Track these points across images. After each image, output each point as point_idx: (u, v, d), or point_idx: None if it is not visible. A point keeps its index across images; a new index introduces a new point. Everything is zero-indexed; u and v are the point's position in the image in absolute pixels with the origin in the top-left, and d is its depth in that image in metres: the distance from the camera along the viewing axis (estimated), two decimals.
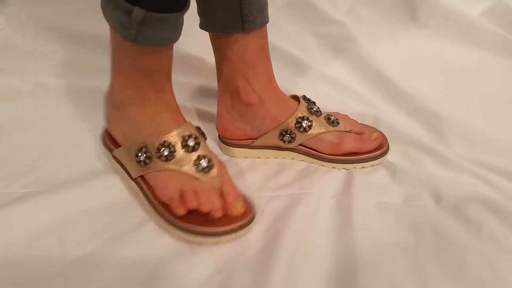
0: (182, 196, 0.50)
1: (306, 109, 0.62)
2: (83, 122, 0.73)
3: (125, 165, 0.55)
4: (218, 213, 0.49)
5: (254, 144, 0.64)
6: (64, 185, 0.59)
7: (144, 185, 0.54)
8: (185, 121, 0.56)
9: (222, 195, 0.51)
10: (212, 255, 0.50)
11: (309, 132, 0.62)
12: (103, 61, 0.87)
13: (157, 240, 0.52)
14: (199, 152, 0.52)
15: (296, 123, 0.61)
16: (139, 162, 0.52)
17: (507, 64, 0.88)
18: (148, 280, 0.48)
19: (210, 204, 0.49)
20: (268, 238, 0.52)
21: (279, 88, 0.63)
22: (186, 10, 0.49)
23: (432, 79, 0.84)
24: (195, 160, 0.51)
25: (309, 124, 0.61)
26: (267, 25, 0.60)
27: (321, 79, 0.83)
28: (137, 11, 0.46)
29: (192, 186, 0.51)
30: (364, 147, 0.62)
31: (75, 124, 0.73)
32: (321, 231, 0.53)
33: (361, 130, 0.64)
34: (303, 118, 0.61)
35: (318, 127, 0.62)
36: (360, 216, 0.55)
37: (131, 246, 0.52)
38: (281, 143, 0.63)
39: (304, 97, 0.65)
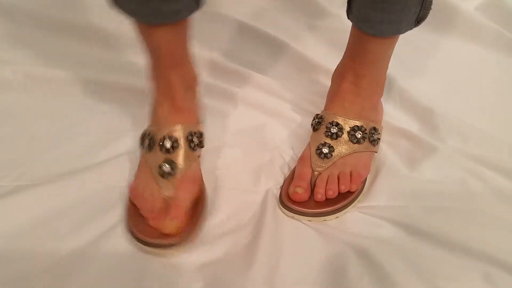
0: (136, 190, 0.53)
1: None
2: (75, 114, 0.72)
3: None
4: (151, 222, 0.50)
5: None
6: (56, 178, 0.58)
7: None
8: (185, 120, 0.55)
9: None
10: (203, 250, 0.51)
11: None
12: (97, 52, 0.87)
13: None
14: (171, 156, 0.52)
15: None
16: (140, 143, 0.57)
17: (501, 59, 0.88)
18: (139, 274, 0.48)
19: (147, 212, 0.50)
20: (259, 232, 0.52)
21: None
22: None
23: (426, 74, 0.84)
24: (163, 162, 0.52)
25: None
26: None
27: (317, 72, 0.83)
28: None
29: (147, 186, 0.52)
30: None
31: (67, 116, 0.72)
32: (311, 227, 0.54)
33: None
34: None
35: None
36: (347, 217, 0.55)
37: (122, 239, 0.51)
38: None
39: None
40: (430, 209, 0.56)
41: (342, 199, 0.55)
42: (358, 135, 0.57)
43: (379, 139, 0.60)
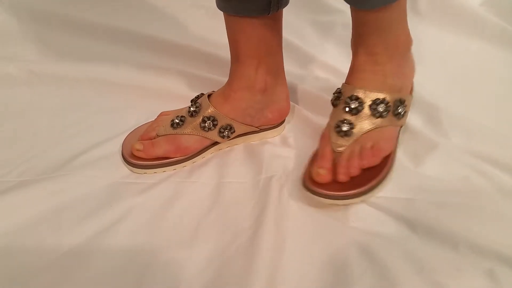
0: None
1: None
2: (78, 110, 0.73)
3: None
4: None
5: None
6: (58, 174, 0.59)
7: None
8: (223, 102, 0.61)
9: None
10: (204, 246, 0.51)
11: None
12: (100, 48, 0.87)
13: (151, 229, 0.53)
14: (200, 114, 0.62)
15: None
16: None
17: (506, 54, 0.87)
18: (142, 269, 0.48)
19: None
20: (261, 228, 0.52)
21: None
22: None
23: (430, 69, 0.84)
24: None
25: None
26: None
27: (321, 68, 0.82)
28: None
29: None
30: None
31: (70, 112, 0.72)
32: (314, 220, 0.54)
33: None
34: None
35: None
36: (351, 209, 0.55)
37: (125, 235, 0.52)
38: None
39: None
40: (434, 205, 0.55)
41: (367, 181, 0.52)
42: (381, 108, 0.52)
43: (406, 112, 0.55)
